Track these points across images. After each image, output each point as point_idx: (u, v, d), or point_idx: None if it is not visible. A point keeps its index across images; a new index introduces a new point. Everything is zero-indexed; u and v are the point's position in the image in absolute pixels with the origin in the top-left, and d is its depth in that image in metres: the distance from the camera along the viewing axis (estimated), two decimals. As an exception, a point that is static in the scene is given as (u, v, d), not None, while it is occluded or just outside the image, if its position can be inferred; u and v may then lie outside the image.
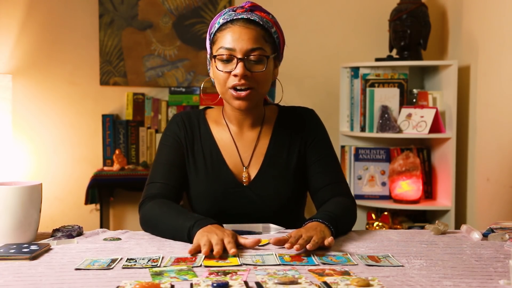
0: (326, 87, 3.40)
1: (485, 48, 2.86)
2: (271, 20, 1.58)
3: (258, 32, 1.53)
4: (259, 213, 1.56)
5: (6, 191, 1.32)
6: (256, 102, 1.57)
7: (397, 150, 3.23)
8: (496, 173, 2.73)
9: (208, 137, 1.63)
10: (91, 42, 3.46)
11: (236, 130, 1.63)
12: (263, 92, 1.57)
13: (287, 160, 1.61)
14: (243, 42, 1.50)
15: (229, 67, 1.52)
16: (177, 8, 3.45)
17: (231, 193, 1.57)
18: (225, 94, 1.55)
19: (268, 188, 1.58)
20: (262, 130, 1.64)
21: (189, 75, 3.47)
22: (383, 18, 3.32)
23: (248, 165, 1.60)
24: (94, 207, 3.41)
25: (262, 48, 1.52)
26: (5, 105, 3.22)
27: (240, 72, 1.49)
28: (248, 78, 1.50)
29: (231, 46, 1.51)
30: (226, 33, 1.53)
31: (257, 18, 1.54)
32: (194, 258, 1.21)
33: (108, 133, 3.39)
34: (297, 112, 1.68)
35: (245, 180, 1.59)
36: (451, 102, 3.00)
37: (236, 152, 1.62)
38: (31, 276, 1.09)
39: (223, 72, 1.53)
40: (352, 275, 1.09)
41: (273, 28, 1.58)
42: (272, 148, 1.62)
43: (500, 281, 1.06)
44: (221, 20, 1.57)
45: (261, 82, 1.54)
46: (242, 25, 1.53)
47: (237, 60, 1.50)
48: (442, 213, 3.09)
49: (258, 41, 1.52)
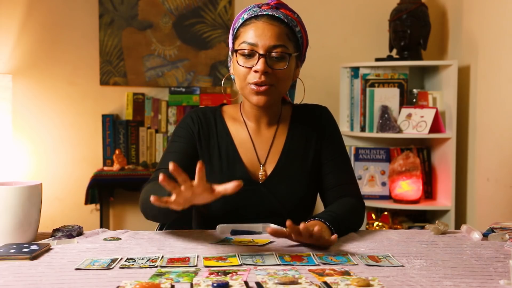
0: (326, 87, 3.40)
1: (485, 48, 2.86)
2: (296, 19, 1.58)
3: (281, 29, 1.52)
4: (273, 211, 1.55)
5: (6, 191, 1.32)
6: (274, 100, 1.56)
7: (397, 150, 3.23)
8: (496, 173, 2.73)
9: (225, 133, 1.61)
10: (91, 42, 3.46)
11: (254, 127, 1.62)
12: (282, 90, 1.56)
13: (303, 158, 1.61)
14: (266, 38, 1.50)
15: (250, 62, 1.51)
16: (177, 8, 3.45)
17: (245, 190, 1.55)
18: (244, 89, 1.54)
19: (283, 186, 1.57)
20: (279, 128, 1.64)
21: (189, 75, 3.46)
22: (383, 18, 3.32)
23: (264, 162, 1.60)
24: (94, 207, 3.41)
25: (285, 45, 1.51)
26: (5, 105, 3.22)
27: (261, 68, 1.48)
28: (268, 75, 1.49)
29: (253, 41, 1.50)
30: (249, 28, 1.52)
31: (281, 15, 1.53)
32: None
33: (108, 133, 3.39)
34: (311, 109, 1.68)
35: (261, 178, 1.58)
36: (451, 102, 3.00)
37: (252, 149, 1.60)
38: (31, 276, 1.09)
39: (244, 67, 1.51)
40: (352, 275, 1.09)
41: (297, 27, 1.57)
42: (289, 145, 1.61)
43: (500, 281, 1.06)
44: (245, 15, 1.55)
45: (282, 80, 1.53)
46: (266, 21, 1.52)
47: (258, 56, 1.49)
48: (442, 213, 3.09)
49: (281, 38, 1.51)
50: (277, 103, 1.63)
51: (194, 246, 1.33)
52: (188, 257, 1.22)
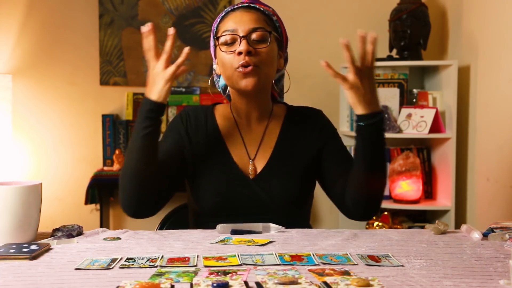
0: (326, 87, 3.40)
1: (485, 48, 2.86)
2: (272, 12, 1.63)
3: (259, 15, 1.58)
4: (265, 208, 1.56)
5: (6, 191, 1.32)
6: (262, 83, 1.57)
7: (397, 150, 3.23)
8: (496, 173, 2.73)
9: (213, 129, 1.64)
10: (91, 42, 3.46)
11: (244, 123, 1.65)
12: (268, 72, 1.57)
13: (297, 158, 1.62)
14: (245, 22, 1.55)
15: (233, 48, 1.54)
16: (177, 8, 3.45)
17: (236, 185, 1.57)
18: (231, 77, 1.56)
19: (275, 182, 1.58)
20: (270, 124, 1.65)
21: (189, 75, 3.46)
22: (383, 18, 3.32)
23: (254, 157, 1.61)
24: (94, 207, 3.41)
25: (264, 28, 1.56)
26: (5, 105, 3.22)
27: (244, 48, 1.51)
28: (252, 55, 1.52)
29: (233, 27, 1.55)
30: (227, 20, 1.58)
31: (257, 6, 1.60)
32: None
33: (108, 133, 3.39)
34: (307, 112, 1.70)
35: (251, 173, 1.59)
36: (451, 102, 3.00)
37: (242, 145, 1.62)
38: (31, 276, 1.09)
39: (228, 53, 1.55)
40: (352, 275, 1.09)
41: (274, 17, 1.62)
42: (281, 143, 1.63)
43: (500, 281, 1.05)
44: (222, 14, 1.62)
45: (266, 62, 1.55)
46: (243, 10, 1.58)
47: (240, 39, 1.53)
48: (442, 213, 3.09)
49: (259, 21, 1.56)
50: (266, 93, 1.65)
51: (194, 246, 1.33)
52: (188, 257, 1.21)
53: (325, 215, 3.48)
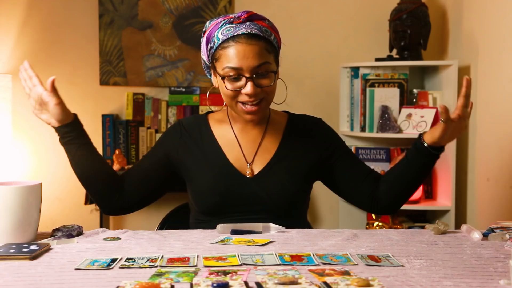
0: (326, 87, 3.40)
1: (485, 48, 2.86)
2: (268, 27, 1.59)
3: (260, 46, 1.54)
4: (263, 207, 1.59)
5: (6, 191, 1.32)
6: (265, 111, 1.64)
7: (397, 150, 3.23)
8: (496, 173, 2.73)
9: (209, 136, 1.66)
10: (91, 42, 3.46)
11: (240, 128, 1.67)
12: (271, 100, 1.61)
13: (298, 161, 1.64)
14: (249, 60, 1.52)
15: (238, 84, 1.54)
16: (177, 8, 3.45)
17: (234, 185, 1.59)
18: (234, 107, 1.59)
19: (273, 181, 1.61)
20: (268, 130, 1.68)
21: (189, 75, 3.46)
22: (383, 18, 3.32)
23: (252, 161, 1.63)
24: (94, 207, 3.41)
25: (267, 61, 1.55)
26: (5, 105, 3.22)
27: (251, 92, 1.53)
28: (258, 93, 1.54)
29: (237, 65, 1.53)
30: (229, 51, 1.54)
31: (257, 30, 1.54)
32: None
33: (108, 133, 3.39)
34: (308, 121, 1.73)
35: (248, 174, 1.62)
36: (451, 102, 3.00)
37: (238, 148, 1.64)
38: (31, 276, 1.09)
39: (233, 91, 1.55)
40: (352, 275, 1.09)
41: (272, 35, 1.59)
42: (282, 150, 1.65)
43: (500, 281, 1.06)
44: (220, 35, 1.56)
45: (270, 93, 1.58)
46: (245, 41, 1.53)
47: (246, 80, 1.53)
48: (442, 213, 3.09)
49: (262, 55, 1.54)
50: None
51: (194, 246, 1.33)
52: (188, 257, 1.22)
53: (325, 215, 3.48)
